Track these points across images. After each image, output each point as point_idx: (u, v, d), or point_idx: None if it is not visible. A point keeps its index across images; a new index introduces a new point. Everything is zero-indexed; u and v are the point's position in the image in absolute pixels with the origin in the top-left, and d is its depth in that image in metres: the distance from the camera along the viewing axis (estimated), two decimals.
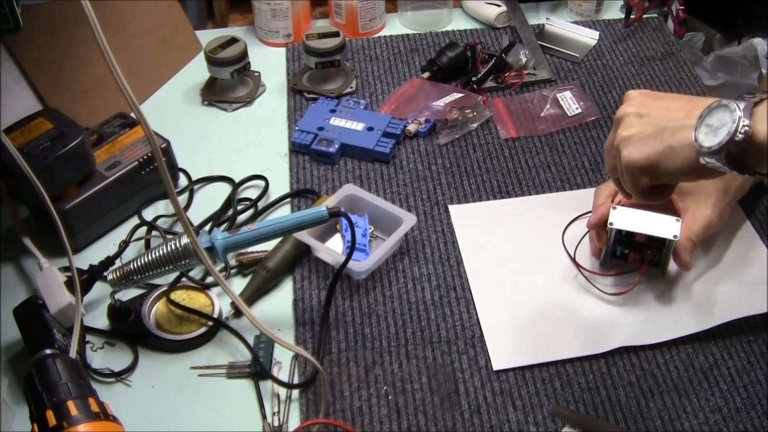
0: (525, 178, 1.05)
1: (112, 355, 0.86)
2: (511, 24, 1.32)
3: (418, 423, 0.80)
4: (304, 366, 0.85)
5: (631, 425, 0.79)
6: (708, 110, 0.67)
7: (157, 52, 1.20)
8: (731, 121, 0.64)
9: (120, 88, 0.66)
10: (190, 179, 1.06)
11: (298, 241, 0.93)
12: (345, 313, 0.90)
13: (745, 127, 0.63)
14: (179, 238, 0.82)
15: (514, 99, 1.18)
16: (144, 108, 0.76)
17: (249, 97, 1.19)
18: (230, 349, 0.87)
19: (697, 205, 0.89)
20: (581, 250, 0.95)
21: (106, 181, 0.96)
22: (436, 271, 0.94)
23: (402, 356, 0.85)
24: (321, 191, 1.04)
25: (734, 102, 0.65)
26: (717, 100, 0.67)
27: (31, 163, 0.84)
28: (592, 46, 1.28)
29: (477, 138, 1.11)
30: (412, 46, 1.28)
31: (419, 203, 1.02)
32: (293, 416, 0.81)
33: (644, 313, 0.88)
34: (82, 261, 0.92)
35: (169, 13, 1.22)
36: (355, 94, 1.19)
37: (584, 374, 0.83)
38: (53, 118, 0.94)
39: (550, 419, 0.80)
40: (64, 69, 1.07)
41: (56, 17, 1.03)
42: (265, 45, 1.30)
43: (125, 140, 1.01)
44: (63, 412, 0.65)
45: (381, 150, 1.07)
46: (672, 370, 0.84)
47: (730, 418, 0.80)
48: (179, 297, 0.90)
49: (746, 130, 0.63)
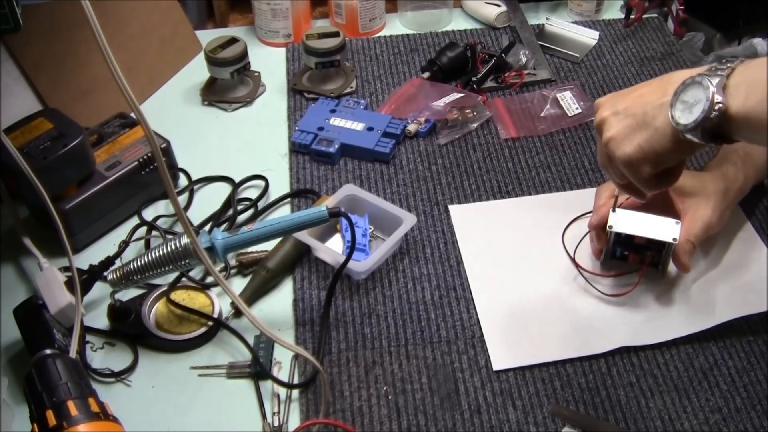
0: (525, 178, 1.05)
1: (112, 355, 0.86)
2: (511, 24, 1.32)
3: (418, 423, 0.80)
4: (304, 366, 0.85)
5: (631, 425, 0.79)
6: (683, 87, 0.68)
7: (157, 52, 1.20)
8: (705, 99, 0.65)
9: (120, 88, 0.66)
10: (190, 179, 1.06)
11: (298, 241, 0.93)
12: (345, 313, 0.90)
13: (719, 104, 0.64)
14: (179, 238, 0.82)
15: (514, 99, 1.18)
16: (144, 108, 0.76)
17: (249, 97, 1.19)
18: (230, 349, 0.87)
19: (697, 206, 0.89)
20: (581, 250, 0.95)
21: (106, 181, 0.96)
22: (436, 271, 0.94)
23: (402, 356, 0.85)
24: (321, 191, 1.04)
25: (707, 78, 0.65)
26: (690, 77, 0.68)
27: (31, 163, 0.84)
28: (592, 46, 1.28)
29: (477, 138, 1.11)
30: (412, 46, 1.28)
31: (419, 203, 1.02)
32: (293, 416, 0.81)
33: (644, 314, 0.88)
34: (82, 261, 0.92)
35: (169, 13, 1.22)
36: (355, 94, 1.19)
37: (584, 374, 0.83)
38: (53, 118, 0.94)
39: (550, 419, 0.80)
40: (64, 69, 1.07)
41: (56, 17, 1.04)
42: (265, 45, 1.30)
43: (125, 140, 1.01)
44: (63, 412, 0.65)
45: (381, 150, 1.07)
46: (672, 370, 0.84)
47: (730, 418, 0.80)
48: (179, 297, 0.90)
49: (720, 107, 0.64)
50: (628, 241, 0.89)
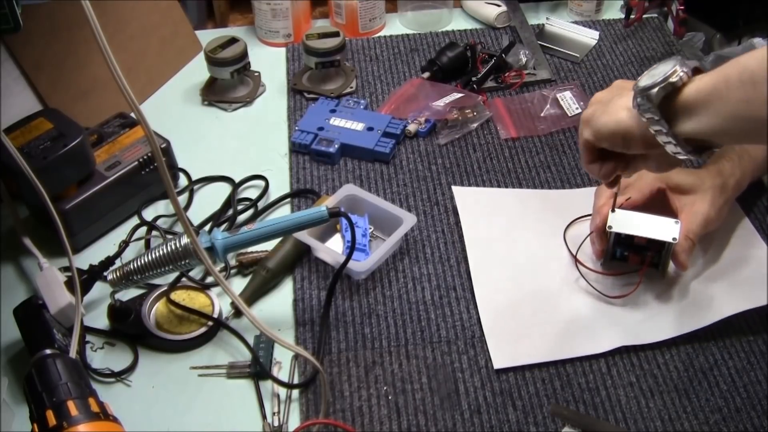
0: (525, 178, 1.05)
1: (112, 355, 0.86)
2: (511, 24, 1.32)
3: (418, 423, 0.80)
4: (304, 366, 0.85)
5: (631, 425, 0.79)
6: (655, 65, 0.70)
7: (157, 52, 1.20)
8: (671, 68, 0.67)
9: (120, 88, 0.66)
10: (190, 179, 1.06)
11: (298, 241, 0.93)
12: (345, 313, 0.90)
13: (681, 74, 0.66)
14: (179, 238, 0.82)
15: (514, 99, 1.18)
16: (144, 108, 0.76)
17: (249, 97, 1.19)
18: (230, 349, 0.87)
19: (694, 202, 0.89)
20: (582, 250, 0.94)
21: (106, 181, 0.96)
22: (436, 271, 0.94)
23: (402, 356, 0.85)
24: (321, 191, 1.04)
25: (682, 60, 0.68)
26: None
27: (31, 163, 0.84)
28: (592, 46, 1.28)
29: (477, 138, 1.11)
30: (412, 46, 1.28)
31: (419, 203, 1.02)
32: (293, 416, 0.81)
33: (644, 313, 0.88)
34: (82, 261, 0.92)
35: (169, 13, 1.22)
36: (355, 94, 1.19)
37: (584, 374, 0.83)
38: (53, 118, 0.94)
39: (550, 419, 0.80)
40: (64, 69, 1.07)
41: (56, 17, 1.04)
42: (265, 45, 1.30)
43: (125, 140, 1.01)
44: (63, 412, 0.65)
45: (381, 150, 1.07)
46: (672, 370, 0.84)
47: (730, 418, 0.80)
48: (179, 297, 0.90)
49: (681, 77, 0.66)
50: (628, 241, 0.89)
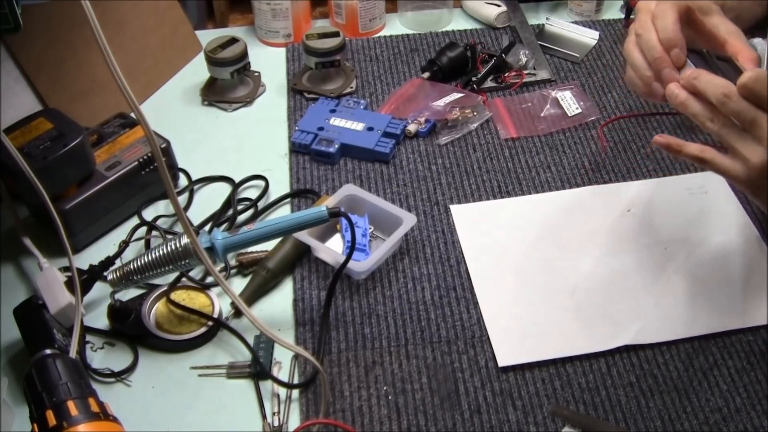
0: (525, 178, 1.05)
1: (112, 355, 0.86)
2: (511, 24, 1.32)
3: (418, 423, 0.80)
4: (304, 366, 0.85)
5: (631, 425, 0.79)
6: None
7: (157, 52, 1.20)
8: None
9: (120, 88, 0.66)
10: (190, 179, 1.06)
11: (298, 241, 0.93)
12: (345, 313, 0.90)
13: None
14: (179, 238, 0.82)
15: (514, 99, 1.18)
16: (144, 108, 0.76)
17: (249, 97, 1.19)
18: (230, 349, 0.87)
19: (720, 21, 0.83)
20: (582, 250, 0.94)
21: (106, 181, 0.96)
22: (436, 271, 0.94)
23: (402, 356, 0.85)
24: (321, 191, 1.04)
25: None
26: None
27: (31, 163, 0.84)
28: (592, 46, 1.28)
29: (477, 138, 1.11)
30: (412, 46, 1.28)
31: (419, 203, 1.02)
32: (293, 416, 0.81)
33: (647, 312, 0.88)
34: (82, 261, 0.92)
35: (169, 13, 1.22)
36: (355, 94, 1.19)
37: (584, 374, 0.83)
38: (53, 118, 0.94)
39: (550, 419, 0.80)
40: (64, 69, 1.07)
41: (56, 17, 1.03)
42: (265, 45, 1.30)
43: (125, 140, 1.01)
44: (63, 412, 0.65)
45: (381, 150, 1.07)
46: (672, 370, 0.84)
47: (730, 418, 0.80)
48: (179, 297, 0.90)
49: None
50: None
